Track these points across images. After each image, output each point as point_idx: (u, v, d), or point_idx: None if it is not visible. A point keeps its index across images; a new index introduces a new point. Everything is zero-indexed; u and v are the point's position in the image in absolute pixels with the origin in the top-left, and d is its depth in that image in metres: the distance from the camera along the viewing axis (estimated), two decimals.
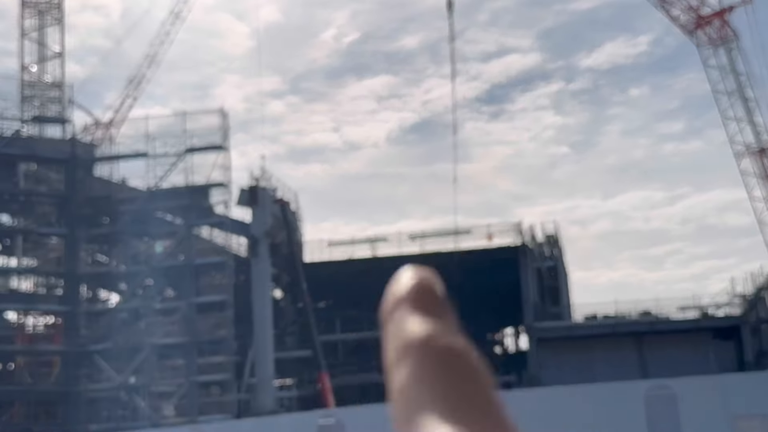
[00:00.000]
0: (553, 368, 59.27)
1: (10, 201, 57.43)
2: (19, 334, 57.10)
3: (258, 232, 59.35)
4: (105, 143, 60.31)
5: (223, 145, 55.76)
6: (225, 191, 56.52)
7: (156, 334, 54.35)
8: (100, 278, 57.03)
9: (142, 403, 53.57)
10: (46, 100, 64.27)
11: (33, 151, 55.86)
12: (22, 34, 69.11)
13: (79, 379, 54.02)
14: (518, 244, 64.84)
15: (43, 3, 69.87)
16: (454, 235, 66.99)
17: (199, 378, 54.00)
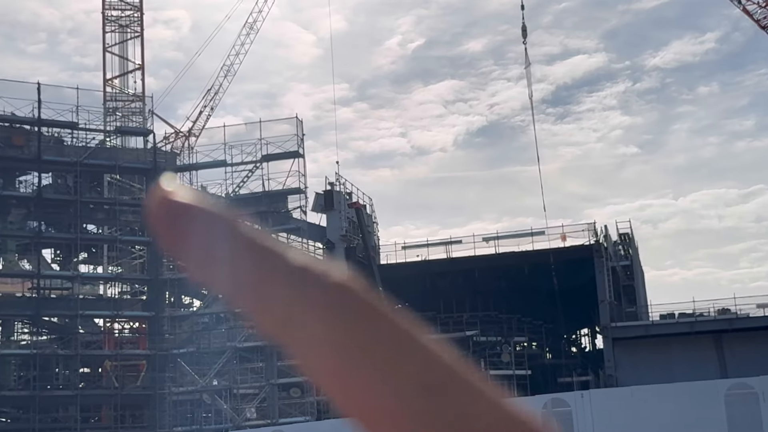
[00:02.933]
0: (629, 368, 59.06)
1: (96, 210, 59.26)
2: (106, 339, 58.86)
3: (334, 236, 60.36)
4: (184, 152, 61.92)
5: (299, 152, 56.81)
6: (301, 197, 57.54)
7: (237, 337, 55.59)
8: (182, 284, 58.47)
9: (225, 405, 54.84)
10: (128, 112, 66.23)
11: (116, 162, 57.54)
12: (104, 48, 71.38)
13: (163, 382, 55.49)
14: (592, 243, 64.69)
15: (123, 18, 72.02)
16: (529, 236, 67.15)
17: (280, 380, 55.05)
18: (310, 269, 0.77)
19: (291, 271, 0.77)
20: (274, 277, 0.77)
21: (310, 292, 0.76)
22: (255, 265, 0.77)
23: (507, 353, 65.43)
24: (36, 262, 56.52)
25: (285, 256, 0.78)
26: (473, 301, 71.20)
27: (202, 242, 0.79)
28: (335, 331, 0.75)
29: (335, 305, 0.76)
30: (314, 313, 0.76)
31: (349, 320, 0.76)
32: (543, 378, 67.53)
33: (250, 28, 69.68)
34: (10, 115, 55.13)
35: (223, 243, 0.78)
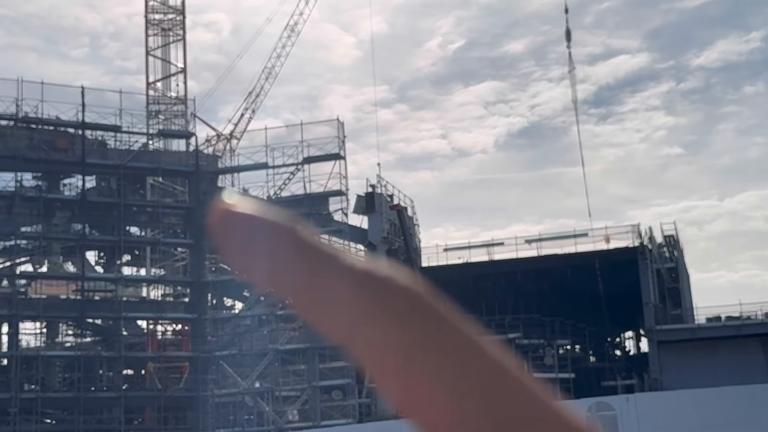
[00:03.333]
0: (675, 371, 58.29)
1: (138, 213, 59.67)
2: (149, 341, 59.22)
3: (375, 238, 60.22)
4: (226, 155, 62.17)
5: (340, 154, 56.77)
6: (342, 199, 57.50)
7: (279, 340, 55.66)
8: (224, 286, 58.68)
9: (267, 407, 54.91)
10: (170, 115, 66.65)
11: (159, 165, 57.88)
12: (146, 52, 71.92)
13: (206, 384, 55.69)
14: (637, 246, 63.97)
15: (166, 21, 72.52)
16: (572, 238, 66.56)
17: (321, 383, 55.03)
18: (374, 274, 0.78)
19: (354, 277, 0.78)
20: (338, 283, 0.77)
21: (376, 297, 0.77)
22: (318, 272, 0.78)
23: (550, 356, 64.84)
24: (80, 265, 57.05)
25: (348, 262, 0.79)
26: (516, 304, 70.69)
27: (265, 253, 0.80)
28: (401, 336, 0.76)
29: (400, 310, 0.77)
30: (380, 317, 0.77)
31: (414, 325, 0.78)
32: (587, 381, 66.83)
33: (291, 31, 69.88)
34: (54, 119, 55.67)
35: (286, 252, 0.79)
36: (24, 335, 57.49)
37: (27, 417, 52.21)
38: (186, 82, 71.37)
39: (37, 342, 59.00)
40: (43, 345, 58.55)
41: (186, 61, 72.08)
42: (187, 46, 72.80)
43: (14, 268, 56.27)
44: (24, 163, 54.51)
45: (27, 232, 55.31)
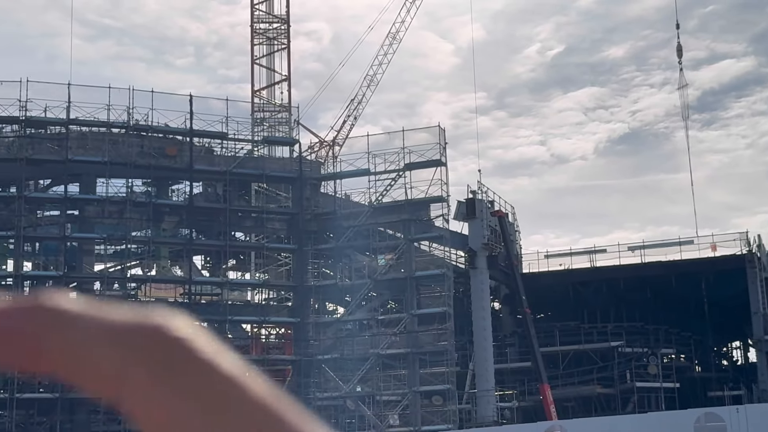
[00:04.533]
0: None
1: (244, 218, 60.84)
2: (253, 344, 60.29)
3: (476, 244, 60.18)
4: (328, 161, 62.95)
5: (441, 161, 56.93)
6: (443, 205, 57.62)
7: (380, 344, 56.08)
8: (326, 291, 59.41)
9: (368, 411, 55.35)
10: (275, 122, 67.83)
11: (263, 171, 58.93)
12: (252, 60, 73.42)
13: (308, 387, 56.42)
14: (745, 253, 62.51)
15: (271, 30, 73.91)
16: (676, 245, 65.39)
17: (422, 388, 55.23)
18: (133, 328, 0.77)
19: (110, 334, 0.76)
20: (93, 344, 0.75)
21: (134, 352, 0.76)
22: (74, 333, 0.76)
23: (654, 365, 63.74)
24: (187, 269, 58.43)
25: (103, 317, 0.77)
26: (618, 312, 69.76)
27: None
28: (156, 384, 0.75)
29: (158, 362, 0.76)
30: (136, 368, 0.75)
31: (171, 377, 0.76)
32: (692, 391, 65.48)
33: (392, 39, 70.45)
34: (164, 127, 57.24)
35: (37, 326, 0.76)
36: None
37: None
38: (290, 90, 72.68)
39: None
40: None
41: (290, 70, 73.40)
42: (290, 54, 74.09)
43: (125, 272, 57.98)
44: (135, 170, 56.12)
45: (137, 236, 56.90)
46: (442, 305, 55.49)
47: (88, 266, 56.87)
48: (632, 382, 63.09)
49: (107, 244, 58.44)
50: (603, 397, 63.73)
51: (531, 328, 59.02)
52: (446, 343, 55.05)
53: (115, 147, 55.74)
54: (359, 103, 70.72)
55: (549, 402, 56.69)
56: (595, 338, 66.46)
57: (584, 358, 65.85)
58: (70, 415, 53.65)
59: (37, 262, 58.27)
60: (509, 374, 63.78)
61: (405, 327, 56.11)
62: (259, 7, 74.34)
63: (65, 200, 55.70)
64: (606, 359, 65.32)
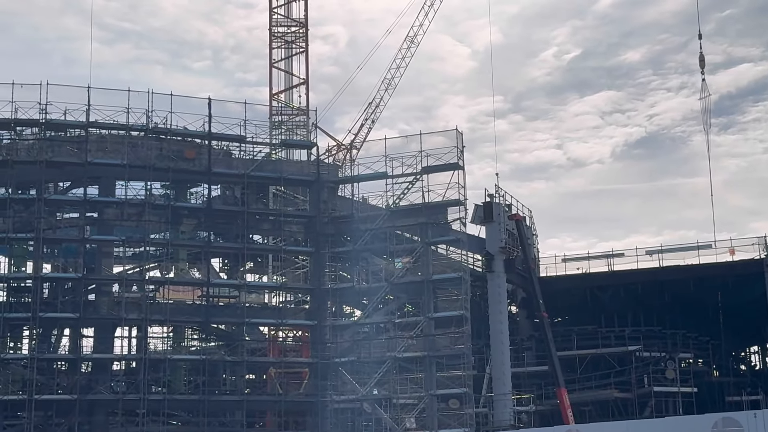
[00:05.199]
0: None
1: (261, 221, 61.01)
2: (270, 347, 60.43)
3: (493, 248, 60.22)
4: (346, 164, 63.07)
5: (459, 164, 56.95)
6: (460, 209, 57.59)
7: (397, 347, 56.13)
8: (343, 294, 59.50)
9: (385, 414, 55.41)
10: (293, 125, 68.05)
11: (281, 174, 59.09)
12: (270, 64, 73.75)
13: (325, 390, 56.52)
14: (763, 258, 62.30)
15: (289, 34, 74.27)
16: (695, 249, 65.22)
17: (439, 391, 55.24)
18: None
19: None
20: None
21: None
22: None
23: (672, 370, 63.63)
24: (205, 271, 58.65)
25: None
26: (635, 316, 69.68)
27: None
28: None
29: None
30: None
31: None
32: (710, 396, 65.38)
33: (411, 42, 70.70)
34: (182, 130, 57.49)
35: None
36: (152, 339, 59.48)
37: (154, 418, 53.91)
38: (308, 93, 72.99)
39: (164, 346, 61.00)
40: (170, 349, 60.48)
41: (308, 73, 73.68)
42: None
43: (143, 274, 58.24)
44: (153, 173, 56.35)
45: (155, 239, 57.11)
46: (459, 309, 55.51)
47: (106, 268, 57.18)
48: (650, 387, 62.98)
49: (126, 246, 58.70)
50: (620, 401, 63.65)
51: (548, 332, 58.99)
52: (463, 347, 55.07)
53: (134, 150, 56.04)
54: (377, 107, 71.04)
55: (566, 406, 56.67)
56: (613, 342, 66.38)
57: (601, 362, 65.79)
58: (89, 417, 53.97)
59: (56, 264, 58.64)
60: (526, 378, 63.77)
61: (422, 330, 56.17)
62: (277, 11, 74.72)
63: (84, 202, 56.02)
64: (623, 363, 65.23)
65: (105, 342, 56.95)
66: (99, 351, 56.41)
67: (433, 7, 71.40)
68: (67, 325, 58.06)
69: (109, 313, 55.46)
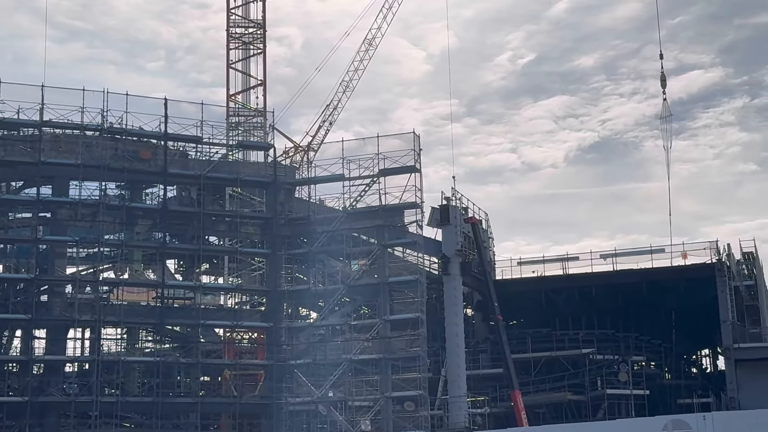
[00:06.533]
0: (753, 391, 57.49)
1: (217, 222, 60.72)
2: (226, 349, 60.17)
3: (449, 251, 60.40)
4: (303, 166, 62.98)
5: (415, 167, 57.11)
6: (417, 211, 57.76)
7: (352, 350, 56.14)
8: (299, 296, 59.41)
9: (340, 417, 55.39)
10: (250, 127, 67.81)
11: (238, 175, 58.88)
12: (227, 65, 73.45)
13: (280, 392, 56.38)
14: (715, 262, 63.15)
15: (247, 35, 74.02)
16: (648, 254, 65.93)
17: (394, 393, 55.34)
18: None
19: None
20: None
21: None
22: None
23: (624, 372, 64.26)
24: (160, 272, 58.27)
25: None
26: (589, 319, 70.30)
27: None
28: None
29: None
30: None
31: None
32: (662, 399, 66.10)
33: (369, 45, 70.81)
34: (138, 130, 57.06)
35: None
36: (105, 340, 58.94)
37: (107, 421, 53.45)
38: (265, 95, 72.78)
39: (118, 347, 60.48)
40: (124, 350, 59.99)
41: (266, 74, 73.49)
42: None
43: (97, 275, 57.72)
44: (108, 173, 55.91)
45: (110, 239, 56.66)
46: (415, 311, 55.67)
47: (59, 269, 56.56)
48: (603, 389, 63.55)
49: (79, 247, 58.18)
50: (574, 403, 64.14)
51: (503, 335, 59.30)
52: (419, 349, 55.23)
53: (89, 150, 55.54)
54: (334, 109, 71.07)
55: (520, 408, 57.00)
56: (567, 345, 66.91)
57: (555, 364, 66.28)
58: (40, 419, 53.35)
59: (8, 264, 57.91)
60: (481, 380, 64.06)
61: (378, 332, 56.24)
62: (235, 11, 74.43)
63: (37, 202, 55.39)
64: (577, 366, 65.77)
65: (57, 343, 56.33)
66: (51, 353, 55.79)
67: (391, 10, 71.60)
68: (18, 326, 57.33)
69: (62, 314, 54.88)
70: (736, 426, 41.09)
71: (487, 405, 60.75)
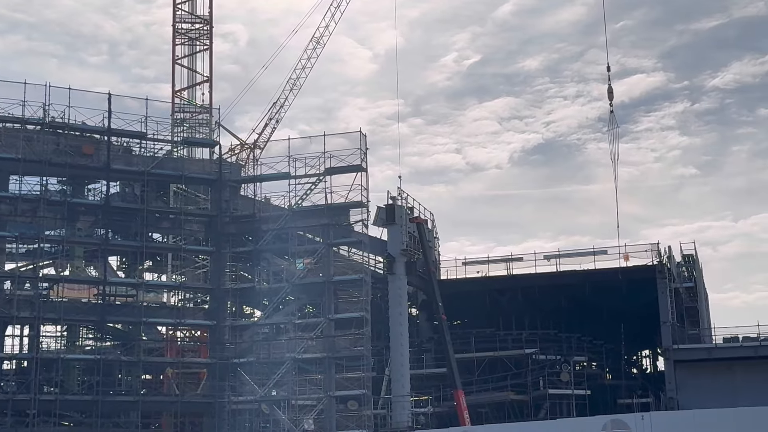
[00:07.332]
0: (691, 391, 58.28)
1: (161, 219, 60.11)
2: (168, 347, 59.61)
3: (394, 250, 60.49)
4: (249, 164, 62.63)
5: (362, 166, 57.11)
6: (363, 211, 57.76)
7: (296, 348, 55.97)
8: (243, 294, 59.08)
9: (283, 416, 55.19)
10: (195, 123, 67.29)
11: (182, 172, 58.35)
12: (173, 60, 72.77)
13: (223, 391, 56.01)
14: (656, 264, 64.01)
15: (193, 30, 73.40)
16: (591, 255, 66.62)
17: (337, 393, 55.28)
18: None
19: None
20: None
21: None
22: None
23: (566, 372, 64.92)
24: (102, 269, 57.55)
25: None
26: (533, 319, 70.85)
27: None
28: None
29: None
30: None
31: None
32: (602, 399, 66.85)
33: (316, 43, 70.68)
34: (81, 125, 56.27)
35: None
36: (45, 338, 58.03)
37: (45, 419, 52.66)
38: (211, 91, 72.25)
39: (58, 345, 59.56)
40: (64, 348, 59.10)
41: (212, 71, 72.95)
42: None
43: (37, 271, 56.79)
44: (50, 168, 55.08)
45: (51, 235, 55.82)
46: (360, 310, 55.67)
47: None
48: (545, 389, 64.13)
49: (19, 242, 57.15)
50: (516, 403, 64.63)
51: (446, 335, 59.53)
52: (363, 348, 55.24)
53: (30, 144, 54.63)
54: (281, 107, 70.81)
55: (463, 408, 57.27)
56: (510, 345, 67.38)
57: (499, 364, 66.71)
58: None
59: None
60: (425, 380, 64.23)
61: (322, 331, 56.13)
62: (181, 7, 73.80)
63: None
64: (520, 366, 66.27)
65: None
66: None
67: (339, 8, 71.53)
68: None
69: (0, 310, 53.90)
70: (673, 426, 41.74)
71: (430, 404, 60.94)
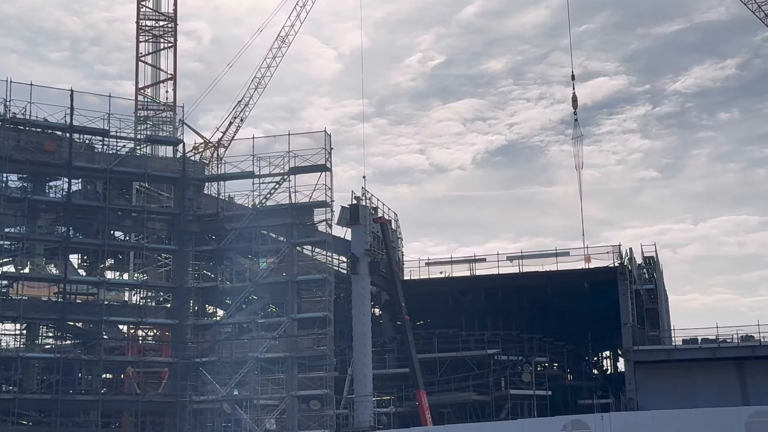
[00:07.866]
0: (651, 392, 58.87)
1: (123, 217, 59.69)
2: (129, 346, 59.19)
3: (358, 250, 60.57)
4: (213, 163, 62.38)
5: (326, 166, 57.06)
6: (327, 210, 57.71)
7: (258, 348, 55.81)
8: (206, 293, 58.81)
9: (245, 415, 55.01)
10: (159, 121, 66.88)
11: (145, 170, 57.97)
12: (137, 57, 72.28)
13: (185, 390, 55.70)
14: (617, 266, 64.60)
15: (157, 28, 72.93)
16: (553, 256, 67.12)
17: (300, 392, 55.19)
18: None
19: None
20: None
21: None
22: None
23: (528, 373, 65.35)
24: (63, 267, 57.02)
25: None
26: (495, 320, 71.23)
27: None
28: None
29: None
30: None
31: None
32: (563, 399, 67.39)
33: (282, 42, 70.54)
34: (42, 121, 55.72)
35: None
36: (3, 336, 57.41)
37: (3, 418, 52.11)
38: (175, 89, 71.87)
39: (17, 343, 58.89)
40: (23, 346, 58.43)
41: (176, 69, 72.54)
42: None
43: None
44: (10, 164, 54.46)
45: (10, 233, 55.17)
46: (323, 310, 55.60)
47: None
48: (506, 390, 64.51)
49: None
50: (478, 403, 64.95)
51: (409, 335, 59.67)
52: (325, 348, 55.18)
53: None
54: (246, 105, 70.62)
55: (424, 408, 57.44)
56: (473, 346, 67.69)
57: (461, 365, 67.00)
58: None
59: None
60: (387, 380, 64.38)
61: (284, 331, 56.00)
62: (145, 3, 73.33)
63: None
64: (482, 366, 66.61)
65: None
66: None
67: (305, 8, 71.46)
68: None
69: None
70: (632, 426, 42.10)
71: (392, 404, 61.09)
